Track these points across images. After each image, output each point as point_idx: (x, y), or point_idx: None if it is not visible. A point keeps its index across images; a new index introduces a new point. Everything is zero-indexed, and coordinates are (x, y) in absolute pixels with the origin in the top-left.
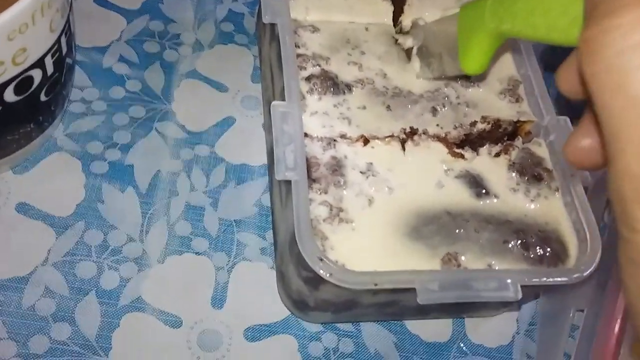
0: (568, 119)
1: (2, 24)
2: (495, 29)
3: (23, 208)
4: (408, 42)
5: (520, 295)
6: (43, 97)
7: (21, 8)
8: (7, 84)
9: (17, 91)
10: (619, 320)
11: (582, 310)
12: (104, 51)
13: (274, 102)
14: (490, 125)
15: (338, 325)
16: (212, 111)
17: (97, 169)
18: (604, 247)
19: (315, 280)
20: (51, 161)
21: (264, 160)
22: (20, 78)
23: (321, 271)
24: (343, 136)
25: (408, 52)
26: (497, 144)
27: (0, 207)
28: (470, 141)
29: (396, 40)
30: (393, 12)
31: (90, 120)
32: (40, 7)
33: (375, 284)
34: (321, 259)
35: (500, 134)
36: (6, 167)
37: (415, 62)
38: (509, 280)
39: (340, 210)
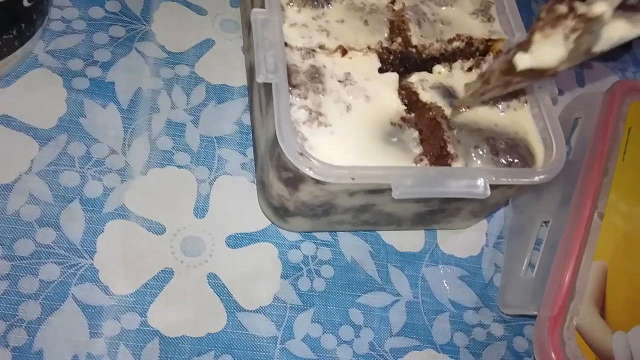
0: None
1: None
2: None
3: (5, 120)
4: (597, 7)
5: (488, 193)
6: (26, 3)
7: None
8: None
9: None
10: (582, 231)
11: (547, 223)
12: None
13: (254, 9)
14: (464, 43)
15: (316, 235)
16: (192, 33)
17: (79, 84)
18: (568, 163)
19: (295, 180)
20: (32, 76)
21: (243, 81)
22: None
23: (301, 166)
24: (322, 47)
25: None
26: (469, 59)
27: None
28: (444, 58)
29: None
30: None
31: (70, 38)
32: None
33: (353, 178)
34: (301, 154)
35: (473, 51)
36: None
37: (619, 26)
38: (479, 178)
39: (319, 114)
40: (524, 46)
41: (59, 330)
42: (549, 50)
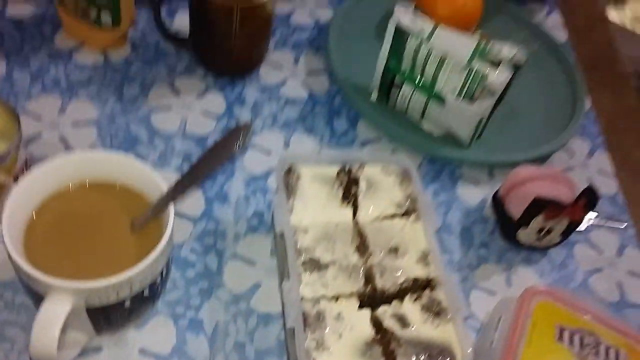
0: (453, 277)
1: (146, 265)
2: None
3: (142, 351)
4: None
5: None
6: (160, 288)
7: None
8: (156, 288)
9: (150, 290)
10: None
11: None
12: (181, 246)
13: (284, 282)
14: (411, 283)
15: None
16: (249, 280)
17: (182, 322)
18: (492, 351)
19: None
20: (154, 320)
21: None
22: (153, 283)
23: None
24: (323, 297)
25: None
26: (415, 292)
27: (129, 351)
28: (399, 294)
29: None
30: (352, 213)
31: (175, 292)
32: (169, 250)
33: None
34: None
35: (417, 287)
36: (133, 326)
37: None
38: None
39: (323, 342)
40: None
41: None
42: None
